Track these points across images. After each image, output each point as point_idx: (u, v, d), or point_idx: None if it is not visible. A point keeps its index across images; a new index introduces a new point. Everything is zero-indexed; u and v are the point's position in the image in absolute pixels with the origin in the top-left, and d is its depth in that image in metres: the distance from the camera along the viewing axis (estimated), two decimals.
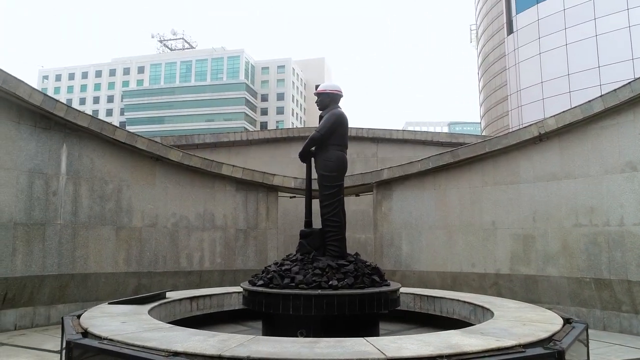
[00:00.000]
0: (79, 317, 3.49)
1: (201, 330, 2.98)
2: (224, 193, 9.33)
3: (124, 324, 3.10)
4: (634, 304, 6.83)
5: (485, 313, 4.01)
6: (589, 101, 7.51)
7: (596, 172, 7.41)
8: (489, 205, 8.62)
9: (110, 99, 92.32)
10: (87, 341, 2.63)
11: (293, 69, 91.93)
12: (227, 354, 2.27)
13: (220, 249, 9.11)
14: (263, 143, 14.54)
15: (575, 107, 7.73)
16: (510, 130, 18.43)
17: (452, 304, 4.88)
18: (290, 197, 10.64)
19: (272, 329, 3.82)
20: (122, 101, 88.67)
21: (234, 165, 9.30)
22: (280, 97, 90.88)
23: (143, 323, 3.17)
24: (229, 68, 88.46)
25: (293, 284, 3.94)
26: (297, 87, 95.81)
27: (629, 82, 7.06)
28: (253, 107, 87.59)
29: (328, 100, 5.25)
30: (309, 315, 3.64)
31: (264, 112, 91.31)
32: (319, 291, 3.76)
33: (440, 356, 2.20)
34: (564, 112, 7.89)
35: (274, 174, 9.56)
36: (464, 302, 4.70)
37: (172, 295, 4.86)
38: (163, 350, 2.36)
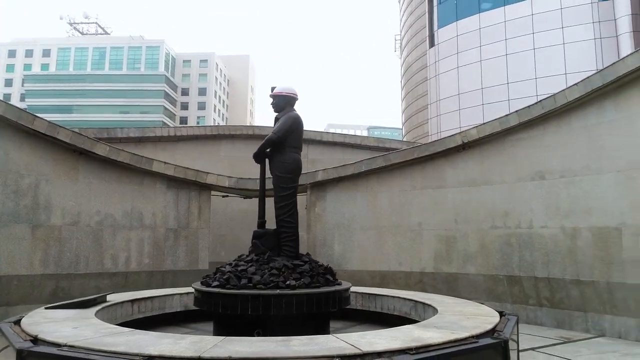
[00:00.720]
0: (16, 323, 3.17)
1: (165, 333, 2.88)
2: (154, 190, 8.94)
3: (76, 329, 2.87)
4: (539, 298, 7.67)
5: (427, 309, 4.32)
6: (506, 115, 8.30)
7: (511, 180, 8.20)
8: (416, 208, 9.16)
9: (8, 83, 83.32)
10: (43, 349, 2.40)
11: (216, 64, 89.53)
12: (207, 355, 2.24)
13: (148, 249, 8.71)
14: (191, 139, 14.08)
15: (494, 120, 8.50)
16: (430, 137, 19.66)
17: (393, 301, 5.17)
18: (223, 197, 10.45)
19: (226, 330, 3.77)
20: (22, 86, 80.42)
21: (165, 162, 8.94)
22: (202, 92, 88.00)
23: (98, 327, 2.97)
24: (147, 58, 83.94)
25: (251, 285, 3.93)
26: (220, 83, 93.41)
27: (540, 100, 7.91)
28: (173, 101, 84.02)
29: (284, 102, 5.32)
30: (268, 315, 3.68)
31: (185, 106, 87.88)
32: (278, 291, 3.82)
33: (410, 348, 2.38)
34: (484, 124, 8.65)
35: (208, 172, 9.34)
36: (405, 299, 5.01)
37: (112, 298, 4.58)
38: (137, 355, 2.25)
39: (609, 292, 6.78)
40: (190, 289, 4.93)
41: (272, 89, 5.50)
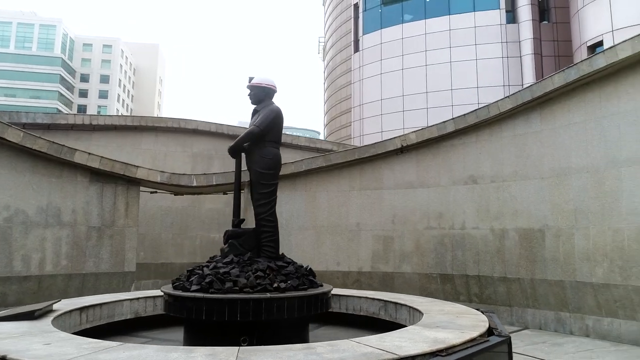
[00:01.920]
0: None
1: (164, 346, 2.50)
2: (75, 184, 8.02)
3: (49, 345, 2.37)
4: (469, 294, 8.19)
5: (399, 309, 4.34)
6: (444, 122, 8.74)
7: (445, 183, 8.65)
8: (355, 208, 9.29)
9: None
10: None
11: (122, 51, 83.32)
12: None
13: (67, 249, 7.78)
14: (109, 130, 12.92)
15: (433, 125, 8.91)
16: (352, 140, 20.14)
17: (359, 301, 5.13)
18: (151, 192, 9.70)
19: (200, 339, 3.41)
20: None
21: (89, 153, 8.06)
22: (105, 79, 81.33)
23: (77, 342, 2.47)
24: (41, 38, 75.65)
25: (237, 288, 3.60)
26: (126, 72, 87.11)
27: (475, 110, 8.44)
28: (70, 87, 76.65)
29: (263, 94, 5.04)
30: (256, 320, 3.39)
31: (83, 93, 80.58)
32: (268, 294, 3.55)
33: (440, 350, 2.34)
34: (423, 129, 9.02)
35: (138, 166, 8.60)
36: (372, 299, 4.98)
37: (58, 306, 3.93)
38: None
39: (532, 288, 7.43)
40: (139, 294, 4.45)
41: (250, 79, 5.19)
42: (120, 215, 8.45)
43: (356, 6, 22.72)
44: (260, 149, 4.79)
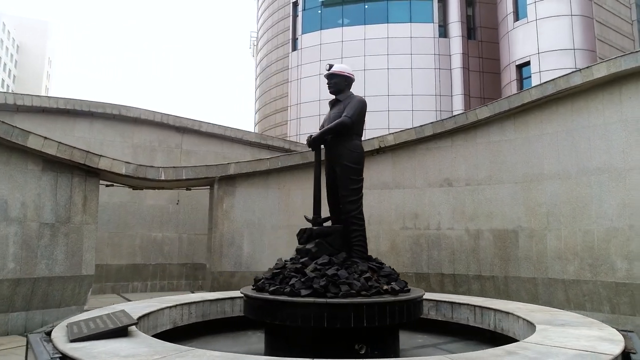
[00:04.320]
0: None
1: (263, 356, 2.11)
2: (24, 173, 6.88)
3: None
4: (443, 292, 8.52)
5: (485, 313, 4.17)
6: (422, 125, 9.02)
7: (421, 185, 8.92)
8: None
9: None
10: None
11: (3, 24, 73.46)
12: None
13: (14, 249, 6.63)
14: (36, 112, 11.37)
15: (411, 128, 9.15)
16: (289, 139, 19.94)
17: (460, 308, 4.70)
18: (107, 186, 8.64)
19: (302, 347, 3.00)
20: None
21: (45, 137, 6.97)
22: None
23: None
24: None
25: (354, 292, 3.26)
26: (7, 48, 76.95)
27: (454, 116, 8.84)
28: None
29: (344, 84, 4.72)
30: (371, 326, 3.08)
31: None
32: (391, 298, 3.26)
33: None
34: (401, 131, 9.22)
35: (101, 155, 7.61)
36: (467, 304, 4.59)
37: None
38: None
39: (505, 285, 7.96)
40: (178, 300, 3.86)
41: (330, 66, 4.82)
42: (78, 210, 7.42)
43: (295, 4, 22.59)
44: (348, 142, 4.48)
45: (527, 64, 16.99)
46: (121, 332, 2.85)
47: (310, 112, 21.05)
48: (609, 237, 6.90)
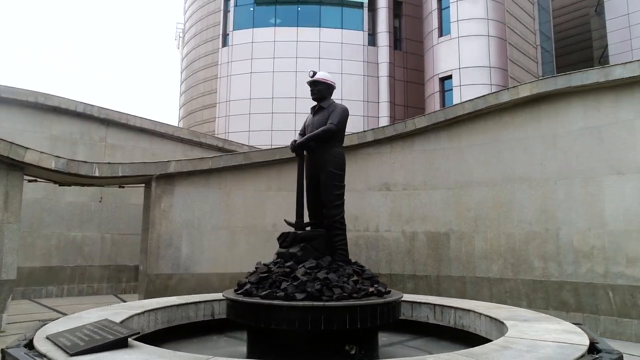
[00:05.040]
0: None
1: None
2: None
3: None
4: None
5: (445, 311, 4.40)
6: (365, 131, 9.38)
7: (361, 188, 9.27)
8: (272, 208, 9.19)
9: None
10: None
11: None
12: None
13: None
14: None
15: (354, 133, 9.45)
16: (217, 136, 19.49)
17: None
18: (29, 181, 7.84)
19: (290, 350, 2.97)
20: None
21: None
22: None
23: None
24: None
25: (346, 294, 3.26)
26: None
27: (394, 124, 9.30)
28: None
29: (327, 92, 4.72)
30: (365, 327, 3.12)
31: None
32: (380, 300, 3.33)
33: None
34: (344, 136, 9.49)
35: (27, 147, 6.92)
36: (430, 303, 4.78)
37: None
38: None
39: (437, 284, 8.56)
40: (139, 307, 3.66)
41: (314, 73, 4.75)
42: None
43: None
44: (332, 148, 4.54)
45: (449, 77, 18.31)
46: (122, 343, 2.65)
47: (241, 110, 20.74)
48: (528, 240, 7.72)
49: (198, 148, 13.77)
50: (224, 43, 21.99)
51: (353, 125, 21.17)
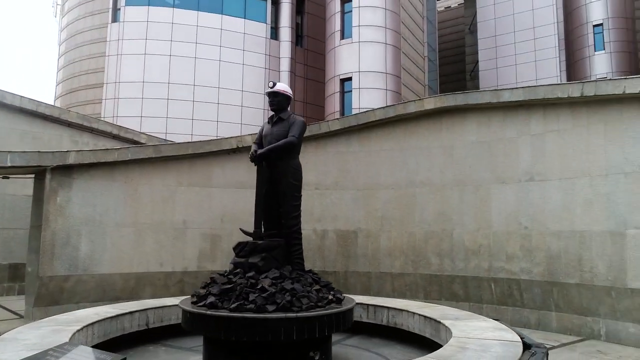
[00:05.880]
0: None
1: None
2: None
3: None
4: None
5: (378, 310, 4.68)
6: None
7: None
8: (182, 205, 8.87)
9: None
10: None
11: None
12: None
13: None
14: None
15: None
16: (105, 119, 17.95)
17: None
18: None
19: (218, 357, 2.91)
20: None
21: None
22: None
23: None
24: None
25: (312, 304, 3.23)
26: None
27: (309, 125, 9.52)
28: None
29: (286, 103, 4.57)
30: (328, 335, 3.16)
31: None
32: (342, 307, 3.39)
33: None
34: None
35: None
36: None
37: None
38: None
39: (345, 279, 9.08)
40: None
41: (274, 84, 4.53)
42: None
43: None
44: (291, 160, 4.53)
45: (350, 79, 19.17)
46: None
47: (132, 94, 19.24)
48: (427, 238, 8.61)
49: (88, 134, 12.55)
50: (114, 18, 20.13)
51: (253, 119, 21.10)
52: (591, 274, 6.76)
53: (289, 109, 4.92)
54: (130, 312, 4.33)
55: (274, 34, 21.83)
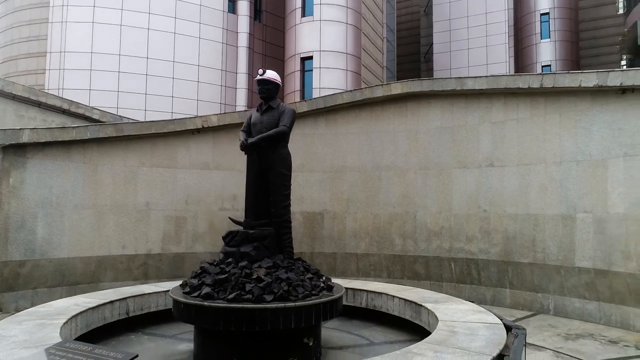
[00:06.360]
0: None
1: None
2: None
3: None
4: None
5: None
6: (245, 111, 9.34)
7: (240, 167, 9.13)
8: (144, 186, 8.61)
9: None
10: None
11: None
12: None
13: None
14: None
15: (235, 112, 9.36)
16: (49, 91, 16.87)
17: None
18: None
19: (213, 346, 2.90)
20: None
21: None
22: None
23: None
24: None
25: (307, 293, 3.24)
26: None
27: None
28: None
29: (275, 91, 4.41)
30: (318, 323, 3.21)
31: None
32: (336, 295, 3.45)
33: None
34: (225, 113, 9.33)
35: None
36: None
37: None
38: None
39: (311, 260, 9.23)
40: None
41: (263, 72, 4.34)
42: None
43: None
44: (281, 149, 4.47)
45: (310, 58, 19.01)
46: None
47: (79, 65, 18.09)
48: (391, 220, 8.90)
49: (35, 108, 11.75)
50: None
51: (210, 96, 20.54)
52: (543, 254, 7.30)
53: (276, 96, 4.87)
54: (111, 302, 4.21)
55: (232, 7, 21.13)
